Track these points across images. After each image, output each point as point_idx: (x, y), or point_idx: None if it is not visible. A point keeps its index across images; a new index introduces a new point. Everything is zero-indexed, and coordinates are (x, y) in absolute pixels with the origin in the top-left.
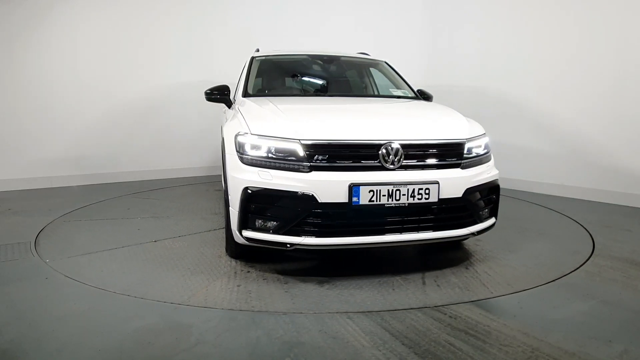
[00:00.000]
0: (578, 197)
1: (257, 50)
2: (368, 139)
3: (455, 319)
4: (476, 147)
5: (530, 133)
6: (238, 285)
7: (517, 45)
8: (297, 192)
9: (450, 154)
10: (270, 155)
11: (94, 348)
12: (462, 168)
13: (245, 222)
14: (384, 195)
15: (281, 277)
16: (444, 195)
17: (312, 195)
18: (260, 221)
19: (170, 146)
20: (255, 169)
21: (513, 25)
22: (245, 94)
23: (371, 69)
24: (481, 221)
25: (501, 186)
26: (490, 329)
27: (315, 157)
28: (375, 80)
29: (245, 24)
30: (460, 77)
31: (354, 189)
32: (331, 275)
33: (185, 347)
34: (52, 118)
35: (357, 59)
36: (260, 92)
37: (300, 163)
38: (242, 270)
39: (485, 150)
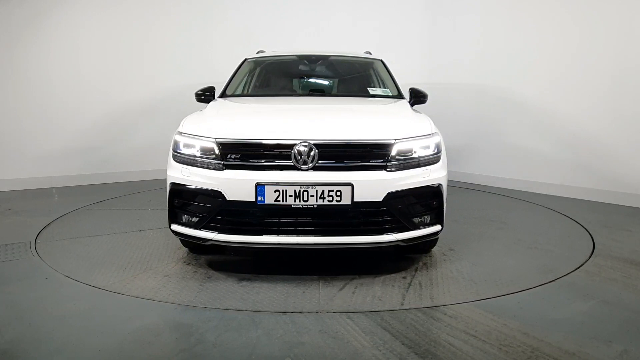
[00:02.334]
0: (578, 197)
1: (258, 52)
2: (279, 138)
3: (455, 319)
4: (421, 148)
5: (530, 133)
6: (165, 276)
7: (518, 45)
8: (207, 189)
9: (373, 155)
10: (194, 153)
11: (94, 348)
12: (389, 170)
13: (174, 217)
14: (291, 196)
15: (211, 271)
16: (360, 198)
17: (220, 192)
18: (185, 216)
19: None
20: (180, 166)
21: (514, 25)
22: (222, 95)
23: (367, 67)
24: (415, 228)
25: (501, 186)
26: (490, 329)
27: (228, 156)
28: (371, 79)
29: (245, 24)
30: (460, 76)
31: (258, 188)
32: (262, 274)
33: (185, 347)
34: (52, 118)
35: (350, 59)
36: (236, 94)
37: (216, 161)
38: (183, 263)
39: (434, 151)
